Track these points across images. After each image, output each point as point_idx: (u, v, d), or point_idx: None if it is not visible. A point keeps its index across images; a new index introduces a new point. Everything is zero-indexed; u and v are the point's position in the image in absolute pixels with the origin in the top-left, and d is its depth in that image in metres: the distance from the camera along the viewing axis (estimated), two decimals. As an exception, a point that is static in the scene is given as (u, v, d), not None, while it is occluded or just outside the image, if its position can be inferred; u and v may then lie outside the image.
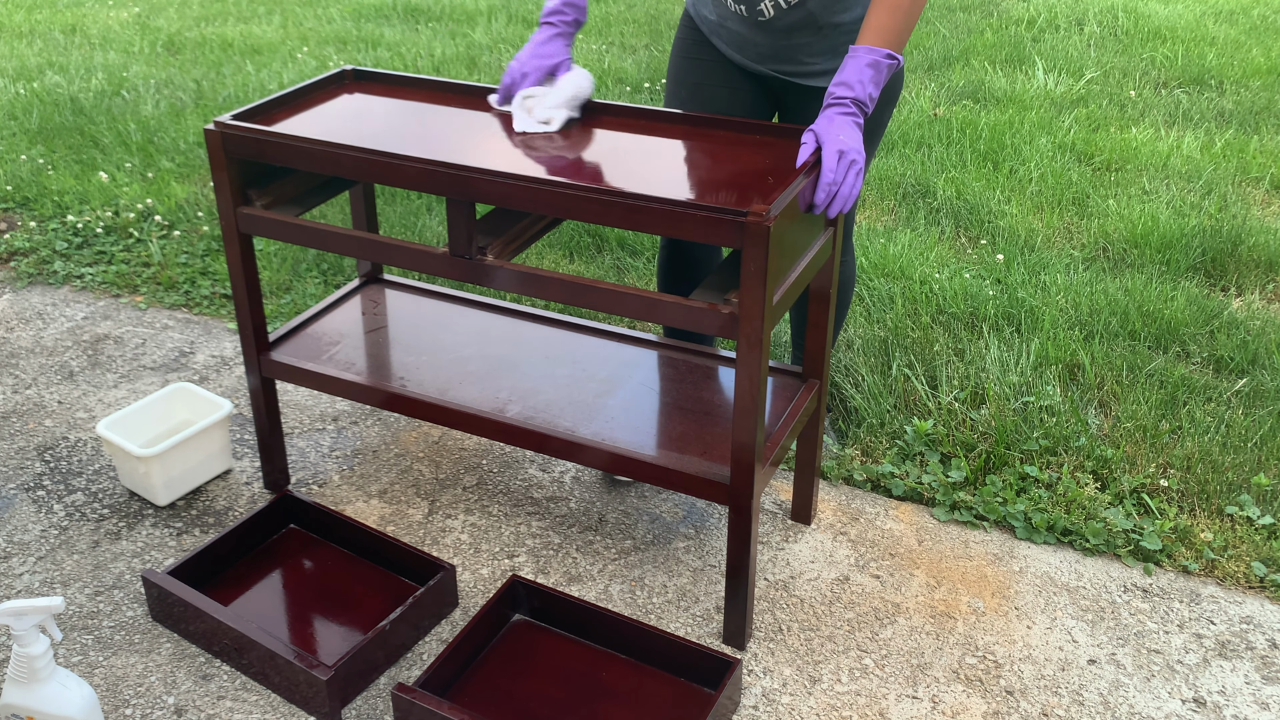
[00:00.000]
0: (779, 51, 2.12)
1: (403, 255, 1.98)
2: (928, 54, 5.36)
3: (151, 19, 6.13)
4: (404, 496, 2.41)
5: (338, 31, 5.83)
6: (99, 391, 2.79)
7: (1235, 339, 2.94)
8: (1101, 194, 3.82)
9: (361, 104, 2.22)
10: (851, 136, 1.82)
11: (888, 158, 4.08)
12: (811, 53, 2.10)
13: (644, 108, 2.12)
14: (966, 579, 2.20)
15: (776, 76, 2.17)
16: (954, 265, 3.31)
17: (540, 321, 2.41)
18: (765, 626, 2.08)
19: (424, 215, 3.65)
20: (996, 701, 1.93)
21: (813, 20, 2.04)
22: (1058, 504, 2.37)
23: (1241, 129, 4.44)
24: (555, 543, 2.28)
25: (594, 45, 5.58)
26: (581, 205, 1.77)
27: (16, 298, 3.25)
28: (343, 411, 2.70)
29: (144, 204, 3.69)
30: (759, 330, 1.71)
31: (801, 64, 2.12)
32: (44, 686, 1.74)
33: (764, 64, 2.15)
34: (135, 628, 2.07)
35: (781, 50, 2.11)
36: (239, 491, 2.43)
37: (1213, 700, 1.94)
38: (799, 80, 2.15)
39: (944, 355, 2.85)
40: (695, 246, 2.34)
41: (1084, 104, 4.68)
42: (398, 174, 1.90)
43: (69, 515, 2.35)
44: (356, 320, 2.42)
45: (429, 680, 1.84)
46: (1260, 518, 2.33)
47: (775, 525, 2.33)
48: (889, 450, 2.54)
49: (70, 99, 4.64)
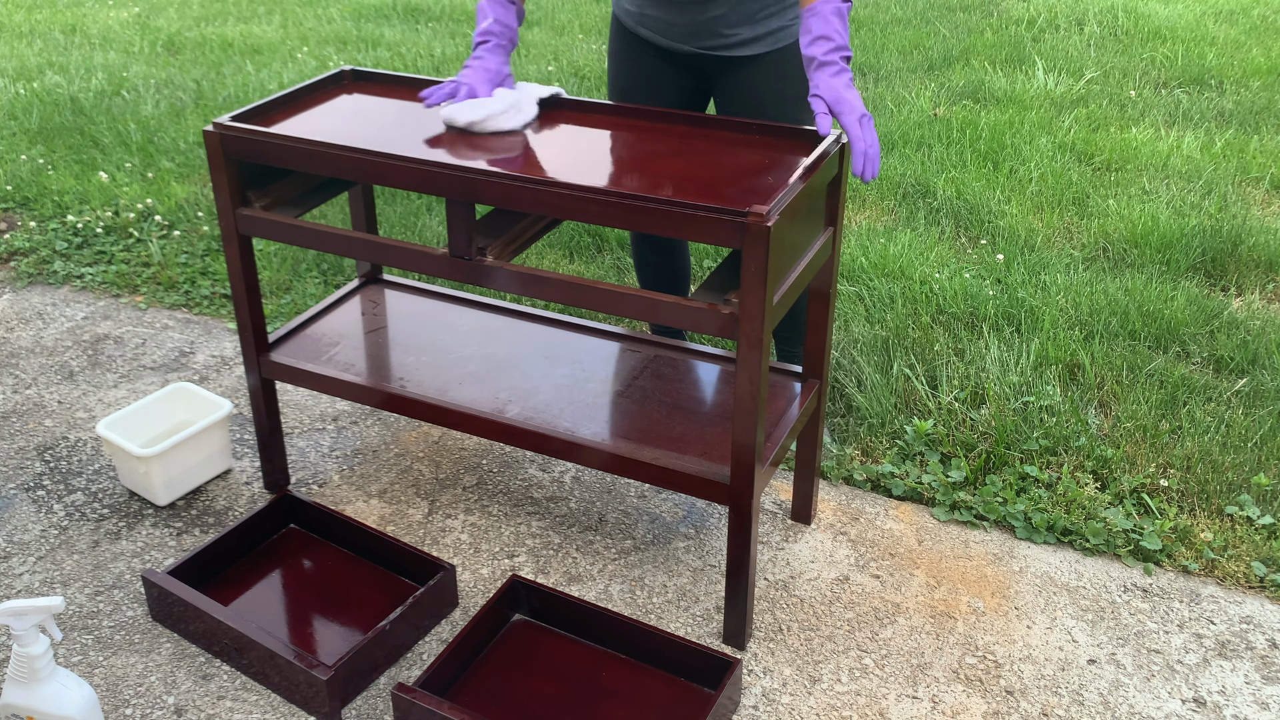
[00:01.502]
0: (699, 28, 2.22)
1: (402, 256, 1.98)
2: (928, 54, 5.36)
3: (151, 19, 6.13)
4: (404, 496, 2.41)
5: (338, 31, 5.83)
6: (99, 391, 2.79)
7: (1235, 339, 2.94)
8: (1101, 194, 3.82)
9: (361, 104, 2.22)
10: (855, 97, 1.86)
11: (888, 158, 4.09)
12: (729, 24, 2.20)
13: (644, 108, 2.12)
14: (966, 579, 2.20)
15: (702, 54, 2.27)
16: (954, 265, 3.31)
17: (540, 321, 2.41)
18: (765, 626, 2.08)
19: (424, 215, 3.65)
20: (996, 701, 1.93)
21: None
22: (1058, 504, 2.37)
23: (1241, 129, 4.44)
24: (555, 543, 2.28)
25: (594, 45, 5.58)
26: (581, 205, 1.77)
27: (16, 298, 3.25)
28: (343, 411, 2.70)
29: (144, 204, 3.69)
30: (759, 330, 1.71)
31: (723, 36, 2.22)
32: (44, 686, 1.74)
33: (688, 42, 2.25)
34: (135, 628, 2.07)
35: (702, 26, 2.21)
36: (239, 491, 2.43)
37: (1213, 700, 1.94)
38: (723, 53, 2.25)
39: (944, 355, 2.85)
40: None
41: (1084, 104, 4.68)
42: (397, 174, 1.90)
43: (69, 515, 2.35)
44: (356, 321, 2.42)
45: (429, 680, 1.84)
46: (1260, 518, 2.33)
47: (775, 525, 2.33)
48: (889, 450, 2.54)
49: (70, 99, 4.64)
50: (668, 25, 2.25)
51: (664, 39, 2.28)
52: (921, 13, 6.15)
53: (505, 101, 2.05)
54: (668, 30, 2.26)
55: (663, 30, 2.27)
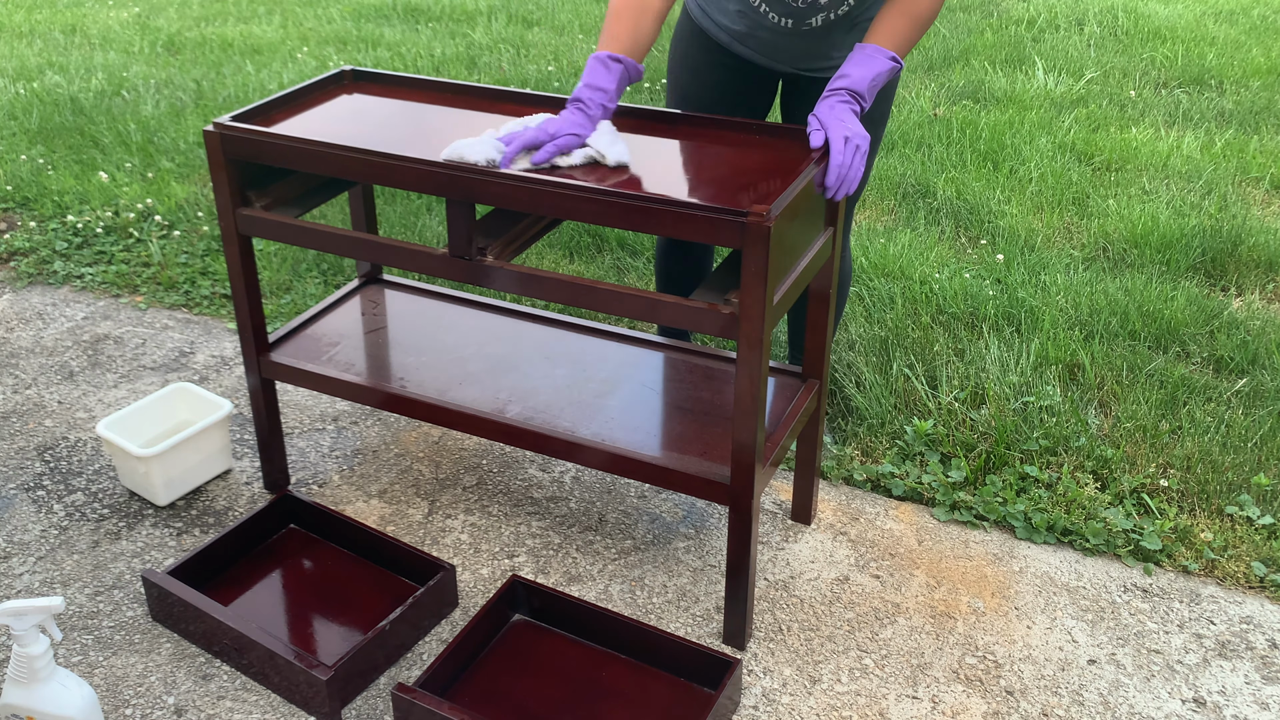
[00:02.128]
0: (811, 51, 2.14)
1: (402, 256, 1.98)
2: (928, 54, 5.36)
3: (151, 19, 6.13)
4: (404, 496, 2.41)
5: (338, 31, 5.83)
6: (99, 391, 2.79)
7: (1235, 339, 2.94)
8: (1101, 194, 3.82)
9: (361, 104, 2.22)
10: (853, 121, 1.87)
11: (888, 157, 4.08)
12: (841, 47, 2.14)
13: (644, 108, 2.12)
14: (966, 579, 2.20)
15: (798, 73, 2.21)
16: (954, 265, 3.31)
17: (540, 321, 2.41)
18: (765, 626, 2.08)
19: (424, 215, 3.65)
20: (996, 701, 1.93)
21: (849, 19, 2.08)
22: (1058, 504, 2.37)
23: (1241, 129, 4.44)
24: (555, 543, 2.28)
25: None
26: (581, 205, 1.77)
27: (16, 298, 3.25)
28: (343, 411, 2.70)
29: (144, 204, 3.69)
30: (759, 330, 1.71)
31: (832, 59, 2.16)
32: (44, 686, 1.74)
33: (794, 64, 2.18)
34: (135, 628, 2.07)
35: (814, 49, 2.14)
36: (239, 491, 2.43)
37: (1213, 700, 1.94)
38: (815, 73, 2.20)
39: (944, 355, 2.85)
40: (694, 244, 2.36)
41: (1084, 104, 4.68)
42: (397, 174, 1.90)
43: (69, 515, 2.35)
44: (356, 321, 2.42)
45: (429, 680, 1.84)
46: (1260, 518, 2.33)
47: (775, 525, 2.33)
48: (889, 450, 2.54)
49: (70, 99, 4.64)
50: (779, 49, 2.15)
51: (767, 59, 2.18)
52: (921, 13, 6.14)
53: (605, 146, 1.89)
54: (776, 53, 2.16)
55: (769, 52, 2.16)
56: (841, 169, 1.84)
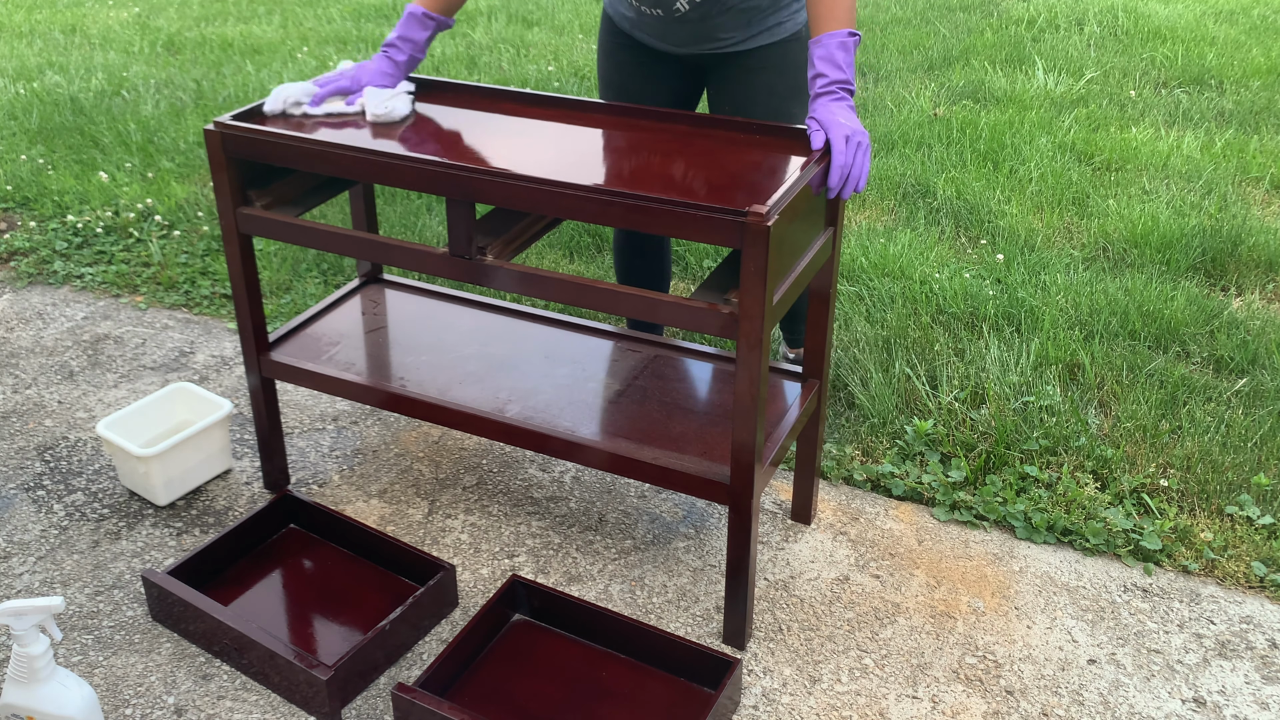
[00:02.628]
0: (697, 34, 2.25)
1: (402, 255, 1.98)
2: (928, 54, 5.36)
3: (151, 19, 6.13)
4: (404, 496, 2.41)
5: (338, 31, 5.83)
6: (99, 391, 2.79)
7: (1235, 339, 2.94)
8: (1101, 194, 3.82)
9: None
10: (851, 119, 1.88)
11: (888, 158, 4.09)
12: (727, 29, 2.23)
13: (643, 108, 2.12)
14: (966, 579, 2.20)
15: (699, 54, 2.30)
16: (954, 265, 3.31)
17: (540, 321, 2.41)
18: (765, 626, 2.08)
19: (424, 215, 3.65)
20: (996, 701, 1.93)
21: (723, 4, 2.17)
22: (1058, 504, 2.37)
23: (1241, 129, 4.44)
24: (555, 543, 2.28)
25: (593, 45, 5.58)
26: (581, 205, 1.77)
27: (16, 298, 3.25)
28: (343, 411, 2.70)
29: (144, 204, 3.69)
30: (759, 330, 1.71)
31: (720, 40, 2.25)
32: (44, 686, 1.74)
33: (686, 46, 2.28)
34: (135, 628, 2.07)
35: (699, 32, 2.24)
36: (239, 491, 2.43)
37: (1213, 700, 1.94)
38: (720, 52, 2.28)
39: (944, 355, 2.85)
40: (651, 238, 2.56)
41: (1084, 104, 4.68)
42: (397, 174, 1.90)
43: (69, 515, 2.35)
44: (356, 320, 2.42)
45: (429, 680, 1.84)
46: (1260, 518, 2.33)
47: (775, 525, 2.33)
48: (889, 450, 2.54)
49: (70, 99, 4.64)
50: (664, 34, 2.27)
51: (661, 43, 2.30)
52: (921, 13, 6.15)
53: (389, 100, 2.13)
54: (665, 36, 2.28)
55: (660, 36, 2.29)
56: (845, 168, 1.85)
